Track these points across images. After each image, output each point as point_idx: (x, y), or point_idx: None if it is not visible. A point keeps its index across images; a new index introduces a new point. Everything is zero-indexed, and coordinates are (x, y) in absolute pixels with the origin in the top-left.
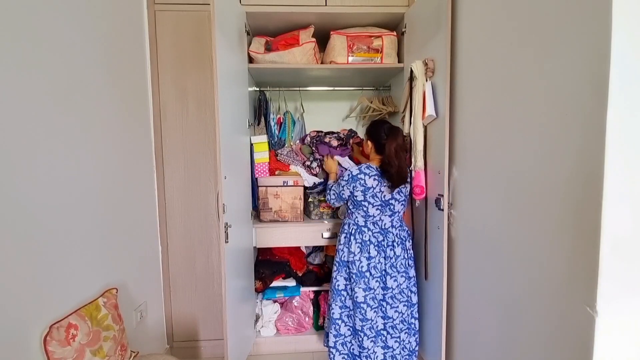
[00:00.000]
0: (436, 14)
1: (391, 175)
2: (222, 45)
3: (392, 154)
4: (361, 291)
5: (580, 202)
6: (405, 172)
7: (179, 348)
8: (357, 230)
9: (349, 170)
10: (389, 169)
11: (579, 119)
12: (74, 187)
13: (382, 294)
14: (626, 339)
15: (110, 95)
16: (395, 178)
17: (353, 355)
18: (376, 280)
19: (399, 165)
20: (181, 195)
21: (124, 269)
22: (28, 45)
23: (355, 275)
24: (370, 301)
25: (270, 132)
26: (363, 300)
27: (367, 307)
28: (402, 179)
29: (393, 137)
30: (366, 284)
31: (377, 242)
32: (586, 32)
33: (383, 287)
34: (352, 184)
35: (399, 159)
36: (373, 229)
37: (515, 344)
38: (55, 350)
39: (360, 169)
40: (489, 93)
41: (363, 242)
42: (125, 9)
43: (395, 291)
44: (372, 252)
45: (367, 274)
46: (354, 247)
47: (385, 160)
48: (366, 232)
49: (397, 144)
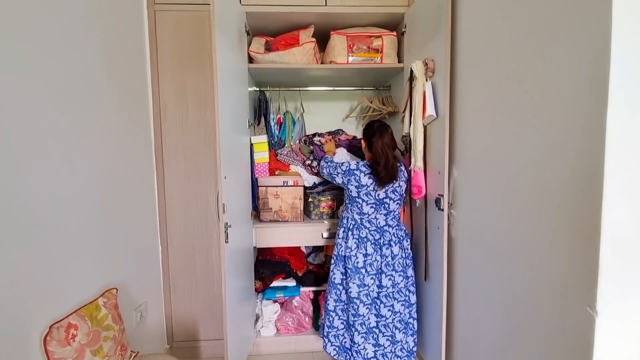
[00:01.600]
0: (436, 14)
1: (378, 171)
2: (222, 45)
3: (379, 150)
4: (355, 287)
5: (580, 202)
6: (393, 169)
7: (179, 348)
8: (355, 226)
9: (347, 162)
10: (376, 166)
11: (579, 119)
12: (73, 187)
13: (376, 291)
14: (626, 339)
15: (110, 96)
16: (383, 175)
17: (345, 349)
18: (371, 278)
19: (385, 162)
20: (181, 195)
21: (124, 269)
22: (28, 46)
23: (351, 271)
24: (364, 297)
25: (270, 132)
26: (357, 295)
27: (360, 303)
28: (390, 176)
29: (379, 134)
30: (361, 280)
31: (373, 239)
32: (586, 32)
33: (378, 285)
34: (347, 177)
35: (385, 156)
36: (369, 226)
37: (516, 344)
38: (55, 350)
39: (357, 164)
40: (489, 93)
41: (360, 238)
42: (125, 9)
43: (390, 290)
44: (368, 250)
45: (362, 270)
46: (351, 242)
47: (373, 157)
48: (363, 229)
49: (384, 141)
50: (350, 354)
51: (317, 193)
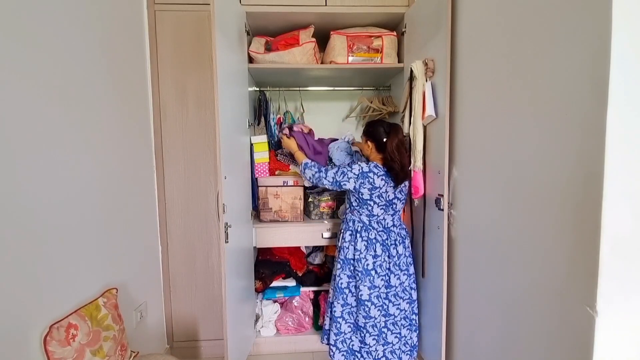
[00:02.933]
0: (436, 14)
1: (396, 172)
2: (222, 45)
3: (394, 150)
4: (366, 289)
5: (580, 202)
6: (407, 168)
7: (179, 348)
8: (363, 228)
9: (359, 164)
10: (394, 165)
11: (579, 119)
12: (73, 186)
13: (385, 292)
14: (626, 339)
15: (110, 96)
16: (400, 175)
17: (352, 351)
18: (381, 279)
19: (401, 162)
20: (181, 195)
21: (124, 269)
22: (28, 46)
23: (361, 273)
24: (375, 299)
25: (270, 132)
26: (368, 298)
27: (371, 305)
28: (405, 175)
29: (394, 134)
30: (371, 282)
31: (382, 240)
32: (586, 32)
33: (386, 286)
34: (361, 180)
35: (400, 155)
36: (377, 227)
37: (515, 344)
38: (55, 350)
39: (369, 165)
40: (489, 93)
41: (369, 240)
42: (125, 9)
43: (398, 289)
44: (377, 251)
45: (372, 272)
46: (359, 244)
47: (388, 158)
48: (372, 231)
49: (399, 140)
50: (358, 356)
51: (317, 193)
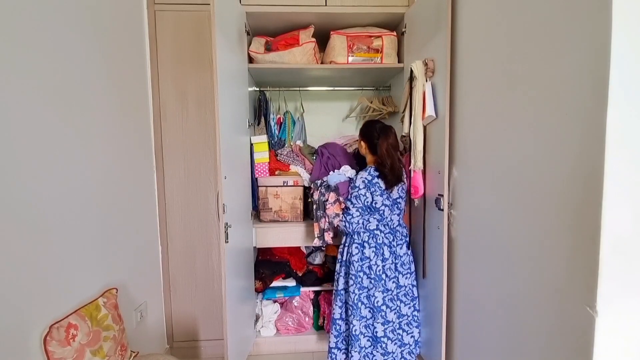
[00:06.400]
0: (436, 14)
1: (385, 174)
2: (222, 45)
3: (384, 153)
4: (380, 294)
5: (580, 202)
6: (398, 170)
7: (179, 348)
8: (370, 236)
9: (361, 177)
10: (383, 168)
11: (579, 119)
12: (73, 187)
13: (395, 292)
14: (626, 338)
15: (110, 96)
16: (390, 177)
17: None
18: (392, 282)
19: (391, 164)
20: (181, 195)
21: (124, 269)
22: (28, 46)
23: (374, 280)
24: (389, 302)
25: (270, 132)
26: (382, 302)
27: (386, 309)
28: (396, 178)
29: (384, 136)
30: (383, 286)
31: (389, 242)
32: (586, 32)
33: (396, 286)
34: (372, 188)
35: (391, 158)
36: (384, 229)
37: (516, 344)
38: (55, 350)
39: (368, 172)
40: (489, 93)
41: (377, 245)
42: (125, 9)
43: (407, 289)
44: (385, 254)
45: (382, 275)
46: (368, 252)
47: (379, 160)
48: (379, 235)
49: (389, 143)
50: None
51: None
